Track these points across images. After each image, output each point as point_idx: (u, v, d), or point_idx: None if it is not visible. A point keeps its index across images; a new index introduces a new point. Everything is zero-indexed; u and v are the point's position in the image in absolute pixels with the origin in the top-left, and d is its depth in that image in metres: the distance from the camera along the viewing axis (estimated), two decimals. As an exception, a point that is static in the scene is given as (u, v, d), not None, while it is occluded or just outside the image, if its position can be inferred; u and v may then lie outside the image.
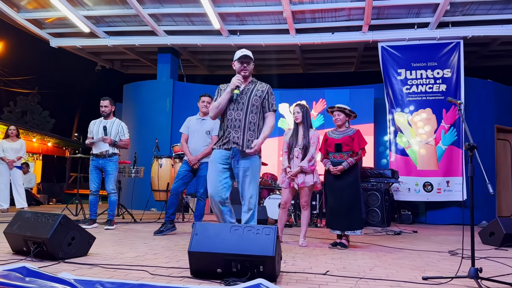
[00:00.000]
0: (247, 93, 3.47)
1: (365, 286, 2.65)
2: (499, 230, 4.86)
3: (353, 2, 7.33)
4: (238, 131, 3.40)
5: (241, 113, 3.42)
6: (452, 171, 7.76)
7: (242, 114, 3.42)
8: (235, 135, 3.40)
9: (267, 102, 3.52)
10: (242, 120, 3.41)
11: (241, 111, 3.43)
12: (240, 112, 3.42)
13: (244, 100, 3.45)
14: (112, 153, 5.46)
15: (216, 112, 3.47)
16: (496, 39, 8.46)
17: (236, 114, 3.42)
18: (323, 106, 8.69)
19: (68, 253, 3.20)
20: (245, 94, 3.46)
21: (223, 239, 2.71)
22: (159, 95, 9.44)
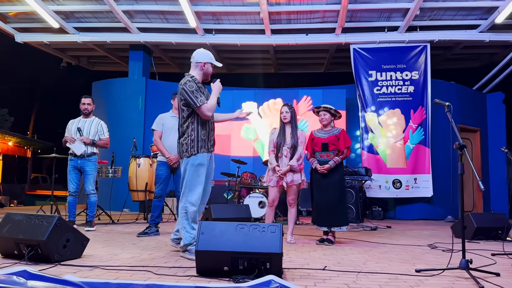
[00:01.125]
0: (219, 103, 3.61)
1: (366, 279, 2.78)
2: (470, 224, 5.16)
3: (328, 5, 7.52)
4: (214, 134, 3.61)
5: (213, 119, 3.61)
6: (420, 168, 8.14)
7: (213, 119, 3.61)
8: (213, 138, 3.60)
9: None
10: (213, 123, 3.62)
11: (213, 118, 3.59)
12: (212, 118, 3.59)
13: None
14: (91, 152, 5.34)
15: (213, 113, 3.50)
16: (459, 43, 8.95)
17: (213, 120, 3.61)
18: (308, 105, 8.79)
19: (63, 256, 3.13)
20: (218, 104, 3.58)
21: (229, 238, 2.75)
22: (131, 93, 9.27)
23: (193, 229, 3.43)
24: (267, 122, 8.83)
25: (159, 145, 4.86)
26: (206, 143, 3.47)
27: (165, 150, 4.80)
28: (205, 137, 3.46)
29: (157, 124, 4.98)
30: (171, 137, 4.75)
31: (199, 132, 3.45)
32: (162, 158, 4.87)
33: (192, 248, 3.38)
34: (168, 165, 4.80)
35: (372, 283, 2.68)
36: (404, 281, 2.75)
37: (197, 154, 3.42)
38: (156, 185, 4.85)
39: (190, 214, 3.41)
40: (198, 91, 3.36)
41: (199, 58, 3.53)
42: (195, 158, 3.42)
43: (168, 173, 4.83)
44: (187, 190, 3.43)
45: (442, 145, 8.62)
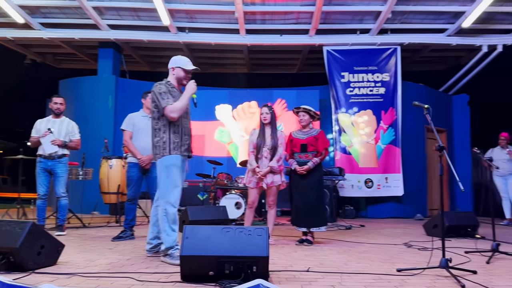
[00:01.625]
0: (190, 104, 3.61)
1: (350, 280, 2.80)
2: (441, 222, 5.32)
3: (303, 6, 7.57)
4: (190, 139, 3.59)
5: (188, 122, 3.58)
6: (390, 168, 8.34)
7: (189, 123, 3.60)
8: (189, 143, 3.57)
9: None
10: (189, 128, 3.60)
11: (188, 120, 3.58)
12: (188, 121, 3.58)
13: (189, 110, 3.62)
14: (61, 154, 5.13)
15: (181, 113, 3.42)
16: (427, 46, 9.21)
17: (188, 123, 3.58)
18: (282, 108, 8.82)
19: (38, 263, 2.99)
20: (194, 104, 3.57)
21: (215, 242, 2.71)
22: (100, 91, 8.99)
23: (173, 231, 3.37)
24: (241, 125, 8.80)
25: (130, 146, 4.67)
26: (179, 146, 3.44)
27: (136, 151, 4.61)
28: (177, 140, 3.44)
29: (127, 124, 4.77)
30: (143, 138, 4.59)
31: (170, 135, 3.44)
32: (133, 159, 4.68)
33: (173, 252, 3.31)
34: (140, 166, 4.64)
35: (357, 284, 2.70)
36: (388, 281, 2.78)
37: (168, 155, 3.40)
38: (128, 188, 4.70)
39: (170, 216, 3.35)
40: (166, 94, 3.39)
41: (170, 64, 3.61)
42: (167, 159, 3.40)
43: (139, 175, 4.67)
44: (165, 192, 3.38)
45: (411, 145, 8.85)
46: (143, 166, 4.63)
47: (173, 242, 3.34)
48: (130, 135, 4.73)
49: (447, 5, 7.46)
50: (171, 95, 3.39)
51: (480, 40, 8.47)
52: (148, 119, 4.76)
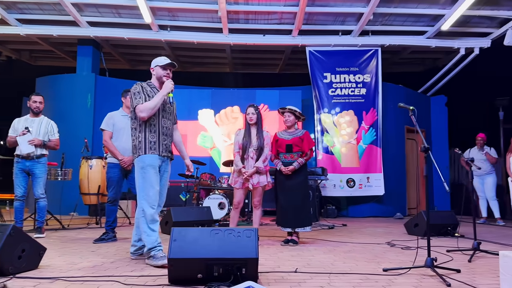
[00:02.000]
0: (172, 105, 3.59)
1: (338, 280, 2.82)
2: (423, 221, 5.42)
3: (286, 7, 7.57)
4: (170, 140, 3.55)
5: (168, 122, 3.53)
6: (372, 168, 8.44)
7: (170, 123, 3.55)
8: (169, 143, 3.52)
9: (175, 115, 3.74)
10: (170, 129, 3.56)
11: (168, 120, 3.54)
12: (168, 121, 3.52)
13: (170, 111, 3.58)
14: (40, 154, 4.99)
15: (151, 113, 3.35)
16: (407, 48, 9.37)
17: (168, 123, 3.53)
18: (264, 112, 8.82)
19: (19, 267, 2.90)
20: (171, 104, 3.56)
21: (204, 244, 2.68)
22: (79, 90, 8.79)
23: (152, 231, 3.32)
24: (224, 130, 8.77)
25: (110, 146, 4.55)
26: (157, 146, 3.39)
27: (117, 151, 4.50)
28: (154, 140, 3.39)
29: (106, 124, 4.63)
30: (124, 138, 4.52)
31: (147, 134, 3.39)
32: (113, 160, 4.58)
33: (156, 253, 3.26)
34: (121, 167, 4.55)
35: (345, 284, 2.71)
36: (376, 281, 2.81)
37: (144, 155, 3.35)
38: (109, 189, 4.60)
39: (148, 217, 3.31)
40: (139, 93, 3.38)
41: (151, 65, 3.56)
42: (142, 159, 3.36)
43: (120, 176, 4.57)
44: (142, 193, 3.34)
45: (391, 146, 8.99)
46: (124, 167, 4.54)
47: (154, 242, 3.28)
48: (110, 135, 4.61)
49: (427, 7, 7.59)
50: (147, 95, 3.37)
51: (458, 42, 8.66)
52: (128, 118, 4.65)
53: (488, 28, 8.41)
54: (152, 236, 3.27)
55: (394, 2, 7.46)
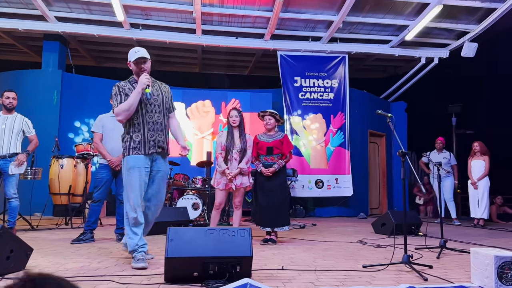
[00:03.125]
0: (159, 95, 3.44)
1: (325, 277, 2.99)
2: (389, 221, 5.73)
3: (260, 11, 7.74)
4: (162, 135, 3.40)
5: (160, 117, 3.40)
6: (340, 169, 8.78)
7: (161, 117, 3.42)
8: (159, 138, 3.38)
9: (171, 103, 3.61)
10: (162, 123, 3.42)
11: (160, 114, 3.41)
12: (159, 115, 3.40)
13: (159, 102, 3.41)
14: (13, 153, 4.86)
15: (127, 115, 3.26)
16: (371, 56, 9.80)
17: (157, 117, 3.38)
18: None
19: (7, 268, 2.86)
20: (157, 95, 3.41)
21: (200, 243, 2.76)
22: (45, 86, 8.52)
23: (135, 235, 3.30)
24: (195, 124, 8.80)
25: (100, 147, 4.64)
26: (141, 145, 3.31)
27: (106, 152, 4.58)
28: (138, 139, 3.31)
29: (96, 126, 4.73)
30: (113, 139, 4.56)
31: (132, 135, 3.34)
32: (103, 160, 4.65)
33: (136, 255, 3.26)
34: (110, 168, 4.58)
35: (333, 280, 2.89)
36: (359, 277, 3.01)
37: (128, 156, 3.33)
38: (96, 189, 4.58)
39: (130, 220, 3.30)
40: (116, 95, 3.32)
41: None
42: (126, 160, 3.34)
43: (109, 177, 4.61)
44: (125, 195, 3.34)
45: (355, 148, 9.37)
46: (113, 168, 4.58)
47: (135, 246, 3.27)
48: (100, 137, 4.69)
49: (393, 18, 8.01)
50: (124, 95, 3.28)
51: (420, 52, 9.18)
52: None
53: (447, 40, 8.98)
54: (134, 239, 3.27)
55: (363, 11, 7.81)
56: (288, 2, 7.42)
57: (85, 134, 8.86)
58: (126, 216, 3.33)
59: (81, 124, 8.85)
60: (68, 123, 8.71)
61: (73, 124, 8.78)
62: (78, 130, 8.84)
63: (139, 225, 3.30)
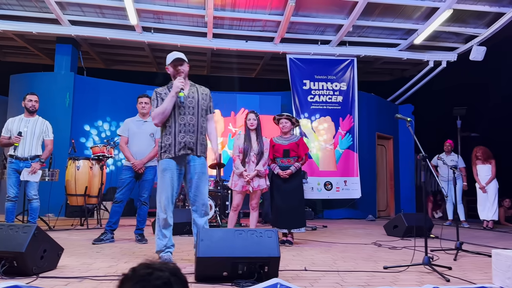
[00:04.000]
0: (195, 97, 3.47)
1: (349, 278, 3.07)
2: (402, 223, 5.81)
3: (271, 15, 7.83)
4: (193, 136, 3.41)
5: (193, 118, 3.42)
6: (349, 171, 8.85)
7: (195, 118, 3.43)
8: (191, 140, 3.38)
9: (209, 105, 3.63)
10: (195, 124, 3.43)
11: (193, 116, 3.43)
12: (192, 117, 3.42)
13: (193, 104, 3.45)
14: (34, 155, 4.95)
15: (161, 118, 3.35)
16: (379, 59, 9.88)
17: (189, 118, 3.40)
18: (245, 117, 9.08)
19: (41, 267, 2.95)
20: (192, 97, 3.45)
21: (229, 243, 2.85)
22: (57, 89, 8.62)
23: (164, 236, 3.37)
24: None
25: (125, 150, 4.81)
26: (172, 147, 3.36)
27: (130, 155, 4.74)
28: (169, 142, 3.37)
29: (122, 130, 4.91)
30: (137, 142, 4.77)
31: (163, 138, 3.43)
32: (127, 163, 4.79)
33: (163, 255, 3.35)
34: (133, 170, 4.69)
35: (357, 280, 2.97)
36: (382, 277, 3.09)
37: (160, 160, 3.41)
38: (118, 190, 4.68)
39: (161, 221, 3.38)
40: (154, 101, 3.43)
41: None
42: (159, 163, 3.44)
43: (132, 179, 4.72)
44: (157, 197, 3.40)
45: (364, 151, 9.44)
46: (136, 171, 4.70)
47: (163, 246, 3.36)
48: (126, 140, 4.85)
49: (403, 22, 8.09)
50: (161, 100, 3.38)
51: (428, 55, 9.26)
52: (143, 123, 4.84)
53: (455, 43, 9.06)
54: (162, 241, 3.36)
55: (373, 15, 7.89)
56: (299, 6, 7.50)
57: (95, 137, 8.98)
58: (158, 217, 3.40)
59: (91, 128, 8.97)
60: (81, 125, 8.81)
61: (85, 126, 8.89)
62: (89, 133, 8.94)
63: (168, 227, 3.39)
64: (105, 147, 6.28)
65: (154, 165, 4.86)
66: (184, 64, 3.45)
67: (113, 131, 9.10)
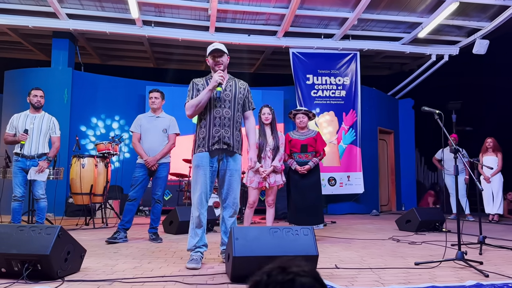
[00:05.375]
0: (232, 90, 3.36)
1: (385, 275, 2.98)
2: (415, 218, 5.76)
3: (275, 8, 7.70)
4: (228, 131, 3.29)
5: (229, 111, 3.31)
6: (352, 167, 8.79)
7: (231, 112, 3.31)
8: (225, 134, 3.27)
9: (247, 101, 3.50)
10: (231, 118, 3.31)
11: (229, 109, 3.31)
12: (228, 110, 3.30)
13: (230, 97, 3.33)
14: (41, 153, 4.77)
15: (195, 110, 3.23)
16: (381, 53, 9.81)
17: (225, 112, 3.29)
18: None
19: (65, 270, 2.81)
20: (229, 91, 3.34)
21: (264, 242, 2.74)
22: (55, 85, 8.36)
23: (195, 235, 3.27)
24: None
25: (137, 147, 4.66)
26: (206, 141, 3.25)
27: (143, 152, 4.59)
28: (203, 135, 3.27)
29: (135, 126, 4.75)
30: (150, 138, 4.63)
31: (198, 131, 3.33)
32: (140, 160, 4.63)
33: (192, 255, 3.24)
34: (147, 167, 4.54)
35: (395, 278, 2.88)
36: (419, 274, 3.01)
37: (195, 153, 3.31)
38: (132, 188, 4.52)
39: (194, 219, 3.28)
40: (189, 91, 3.35)
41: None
42: (193, 158, 3.33)
43: (146, 176, 4.56)
44: (192, 194, 3.31)
45: (366, 146, 9.39)
46: (148, 167, 4.56)
47: (192, 246, 3.26)
48: (138, 136, 4.71)
49: (407, 15, 8.02)
50: (197, 91, 3.29)
51: (430, 49, 9.21)
52: (155, 119, 4.68)
53: (457, 37, 9.03)
54: (193, 239, 3.26)
55: (378, 8, 7.81)
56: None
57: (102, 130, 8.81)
58: (191, 215, 3.29)
59: (97, 120, 8.78)
60: (80, 121, 8.59)
61: (84, 122, 8.68)
62: (88, 129, 8.74)
63: (201, 226, 3.27)
64: (110, 144, 6.11)
65: (167, 161, 4.72)
66: (223, 56, 3.34)
67: (108, 125, 8.90)
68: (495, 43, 8.60)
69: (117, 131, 8.94)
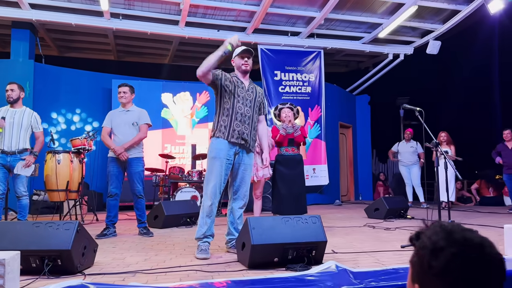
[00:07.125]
0: (253, 92, 3.56)
1: (383, 257, 3.28)
2: (383, 206, 6.21)
3: (246, 5, 7.85)
4: (248, 128, 3.45)
5: (250, 111, 3.47)
6: (317, 160, 9.19)
7: (251, 112, 3.48)
8: (245, 131, 3.42)
9: (263, 105, 3.71)
10: (250, 117, 3.48)
11: (250, 109, 3.47)
12: (249, 109, 3.46)
13: (251, 98, 3.51)
14: (23, 148, 4.64)
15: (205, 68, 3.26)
16: (342, 51, 10.28)
17: (246, 110, 3.44)
18: (206, 98, 9.20)
19: (83, 264, 2.85)
20: (251, 92, 3.53)
21: (279, 230, 2.94)
22: (15, 77, 7.80)
23: (205, 224, 3.37)
24: (179, 108, 9.37)
25: (106, 139, 4.66)
26: (226, 130, 3.36)
27: (110, 142, 4.61)
28: (225, 124, 3.39)
29: (106, 122, 4.77)
30: (121, 132, 4.66)
31: (220, 118, 3.43)
32: (111, 153, 4.63)
33: (200, 245, 3.35)
34: (118, 160, 4.55)
35: (391, 259, 3.19)
36: (408, 256, 3.34)
37: (213, 137, 3.41)
38: (109, 183, 4.53)
39: (205, 208, 3.38)
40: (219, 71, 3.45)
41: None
42: (210, 145, 3.43)
43: (119, 170, 4.59)
44: (205, 183, 3.41)
45: (328, 140, 9.83)
46: (118, 157, 4.52)
47: (201, 234, 3.36)
48: (108, 131, 4.71)
49: (369, 16, 8.50)
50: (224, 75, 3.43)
51: (388, 48, 9.81)
52: (125, 113, 4.68)
53: (412, 37, 9.69)
54: (202, 228, 3.36)
55: (343, 9, 8.20)
56: (276, -3, 7.61)
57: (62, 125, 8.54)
58: (202, 204, 3.39)
59: (58, 115, 8.49)
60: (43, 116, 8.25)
61: (48, 116, 8.38)
62: (54, 122, 8.45)
63: (211, 216, 3.37)
64: (86, 140, 6.00)
65: (140, 156, 4.71)
66: (251, 58, 3.51)
67: (70, 119, 8.65)
68: (446, 44, 9.33)
69: (78, 124, 8.73)
